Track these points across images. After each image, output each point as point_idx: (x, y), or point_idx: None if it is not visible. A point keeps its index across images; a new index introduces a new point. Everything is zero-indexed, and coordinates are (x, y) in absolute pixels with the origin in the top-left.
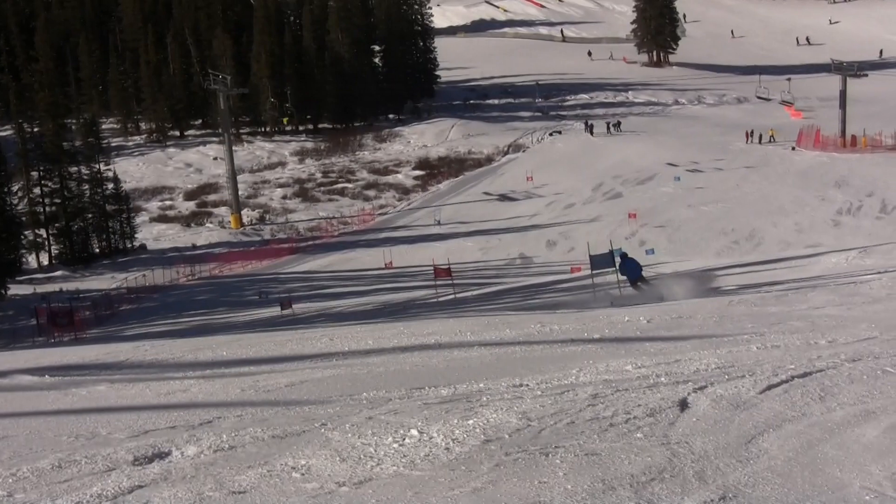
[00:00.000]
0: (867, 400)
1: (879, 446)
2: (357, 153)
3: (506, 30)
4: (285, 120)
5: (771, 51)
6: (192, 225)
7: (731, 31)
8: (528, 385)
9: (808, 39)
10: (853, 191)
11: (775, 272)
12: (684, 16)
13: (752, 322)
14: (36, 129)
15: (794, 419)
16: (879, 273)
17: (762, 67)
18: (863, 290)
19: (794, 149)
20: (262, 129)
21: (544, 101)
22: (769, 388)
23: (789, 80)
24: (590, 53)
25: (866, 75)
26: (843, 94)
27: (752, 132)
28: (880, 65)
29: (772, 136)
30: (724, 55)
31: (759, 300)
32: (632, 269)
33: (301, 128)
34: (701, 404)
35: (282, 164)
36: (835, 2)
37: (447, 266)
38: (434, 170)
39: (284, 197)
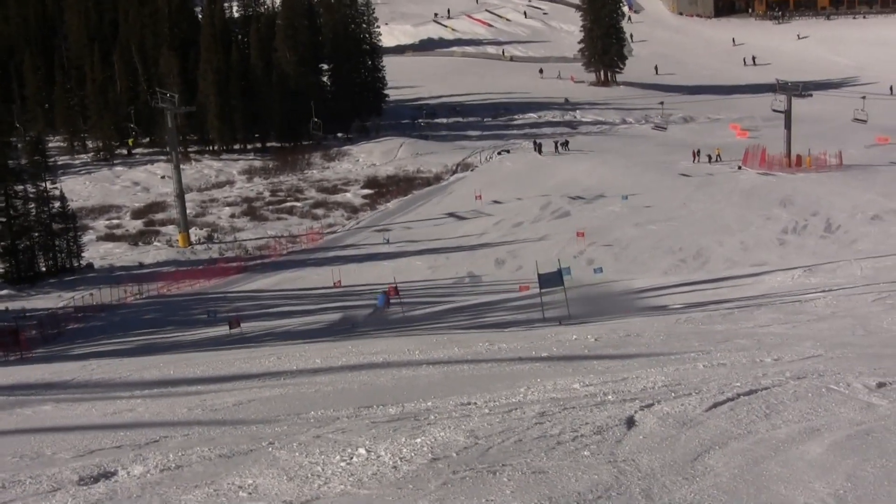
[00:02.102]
0: (811, 417)
1: (823, 463)
2: (305, 172)
3: (454, 49)
4: (130, 142)
5: (717, 70)
6: (140, 244)
7: (656, 68)
8: (475, 403)
9: (753, 59)
10: (798, 210)
11: (721, 291)
12: (631, 35)
13: (698, 340)
14: None
15: (740, 436)
16: (824, 292)
17: (708, 87)
18: (808, 308)
19: (739, 168)
20: (210, 148)
21: (492, 119)
22: (715, 405)
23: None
24: (541, 71)
25: (811, 95)
26: (787, 113)
27: (698, 151)
28: (825, 84)
29: (717, 155)
30: (671, 75)
31: (706, 318)
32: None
33: (249, 146)
34: (648, 422)
35: (230, 182)
36: (780, 22)
37: (396, 285)
38: (383, 188)
39: (232, 215)
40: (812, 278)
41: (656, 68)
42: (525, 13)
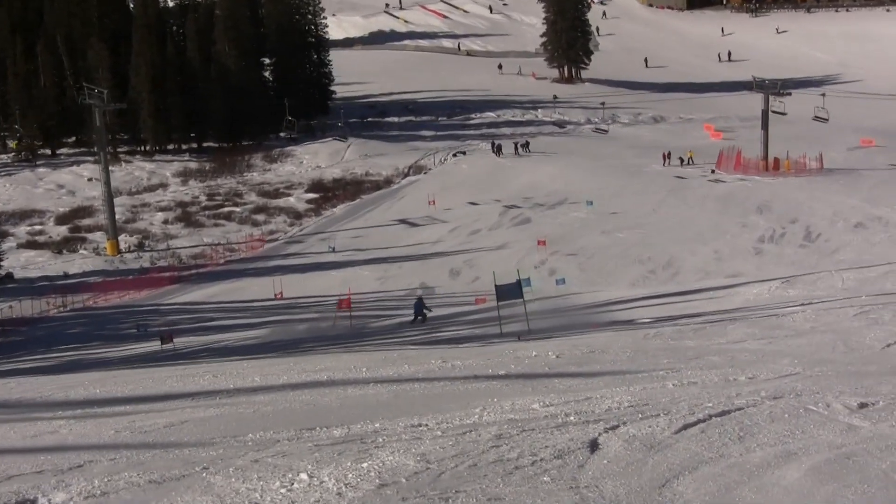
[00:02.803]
0: (788, 440)
1: (801, 489)
2: (245, 174)
3: (406, 42)
4: (14, 144)
5: (690, 66)
6: (65, 252)
7: (646, 60)
8: (427, 425)
9: (729, 55)
10: (776, 217)
11: (693, 303)
12: (597, 29)
13: (667, 357)
14: None
15: (711, 461)
16: (803, 305)
17: (680, 84)
18: (785, 323)
19: (713, 171)
20: (142, 148)
21: (448, 118)
22: (685, 427)
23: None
24: (500, 66)
25: (789, 94)
26: (765, 113)
27: (669, 154)
28: (805, 82)
29: (690, 157)
30: (640, 71)
31: (676, 334)
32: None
33: (184, 146)
34: (612, 445)
35: (163, 185)
36: (757, 15)
37: (348, 296)
38: (328, 193)
39: (166, 221)
40: (790, 290)
41: (646, 61)
42: (490, 7)
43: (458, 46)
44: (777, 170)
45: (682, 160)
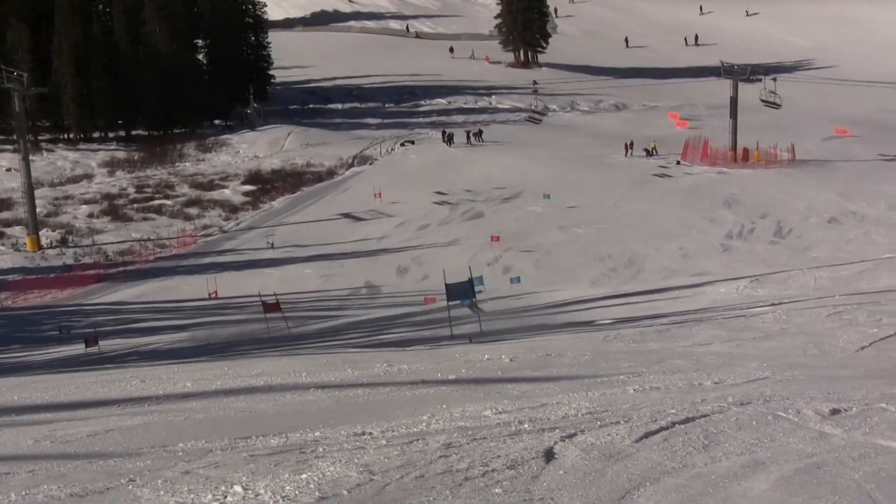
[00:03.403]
0: (756, 449)
1: (769, 501)
2: (177, 164)
3: (351, 23)
4: None
5: (654, 51)
6: None
7: (626, 40)
8: (371, 433)
9: (696, 39)
10: (745, 211)
11: (657, 304)
12: (555, 10)
13: (629, 360)
14: None
15: (675, 471)
16: (773, 305)
17: (644, 70)
18: (754, 324)
19: (678, 163)
20: (65, 136)
21: (395, 105)
22: (647, 435)
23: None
24: (451, 50)
25: (760, 80)
26: (733, 101)
27: (631, 143)
28: (776, 68)
29: (654, 147)
30: (602, 56)
31: (638, 336)
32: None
33: (111, 134)
34: (569, 455)
35: (88, 176)
36: None
37: (275, 300)
38: (267, 184)
39: (91, 215)
40: (760, 290)
41: (626, 41)
42: None
43: (407, 28)
44: (746, 161)
45: (647, 151)
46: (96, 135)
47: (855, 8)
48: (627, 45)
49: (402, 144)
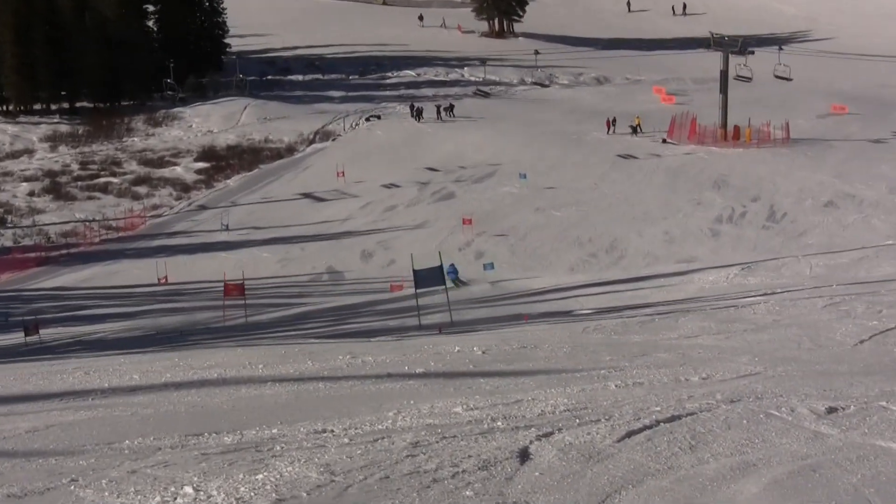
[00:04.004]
0: (746, 450)
1: None
2: (125, 140)
3: None
4: None
5: (638, 20)
6: None
7: (628, 4)
8: (332, 431)
9: (683, 8)
10: (735, 193)
11: (640, 292)
12: None
13: (610, 354)
14: None
15: (659, 473)
16: (765, 295)
17: (627, 41)
18: (745, 315)
19: (664, 141)
20: (4, 108)
21: (360, 77)
22: (629, 434)
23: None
24: (421, 18)
25: (752, 52)
26: (723, 75)
27: (614, 120)
28: (769, 40)
29: (638, 124)
30: (582, 25)
31: (620, 327)
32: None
33: (54, 107)
34: (545, 455)
35: (28, 151)
36: None
37: (241, 282)
38: (222, 161)
39: (31, 193)
40: (751, 278)
41: (629, 5)
42: None
43: None
44: (737, 140)
45: (633, 129)
46: (38, 107)
47: None
48: (630, 10)
49: (368, 119)
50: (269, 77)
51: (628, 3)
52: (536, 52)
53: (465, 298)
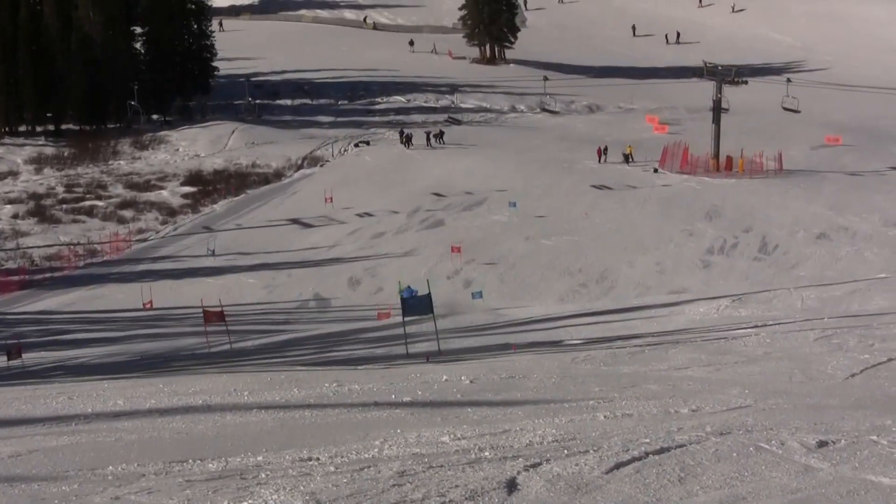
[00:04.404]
0: (736, 483)
1: None
2: (110, 162)
3: (303, 12)
4: None
5: (631, 48)
6: None
7: (633, 28)
8: (318, 459)
9: (677, 36)
10: (727, 224)
11: (630, 323)
12: (525, 1)
13: (599, 384)
14: None
15: None
16: (756, 327)
17: (620, 69)
18: (735, 347)
19: (656, 170)
20: None
21: (349, 102)
22: (617, 466)
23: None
24: (411, 43)
25: (745, 82)
26: (716, 104)
27: (605, 149)
28: (763, 69)
29: (630, 153)
30: (574, 53)
31: (610, 358)
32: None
33: (39, 128)
34: (533, 486)
35: (13, 173)
36: None
37: (220, 308)
38: (208, 186)
39: (15, 216)
40: (742, 310)
41: (634, 29)
42: None
43: (364, 19)
44: (729, 170)
45: (626, 157)
46: (22, 128)
47: (845, 6)
48: (635, 34)
49: (357, 145)
50: (258, 101)
51: (633, 28)
52: (545, 79)
53: (453, 327)
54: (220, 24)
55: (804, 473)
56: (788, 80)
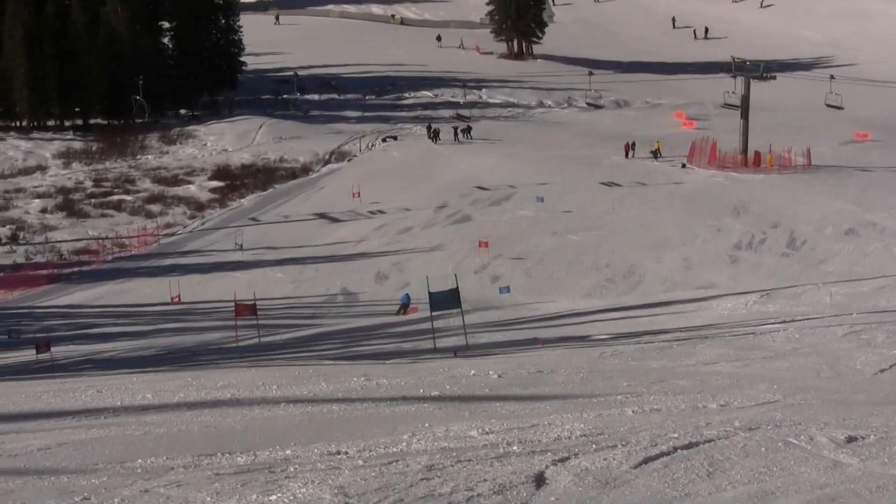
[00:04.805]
0: (765, 478)
1: None
2: (139, 157)
3: (330, 7)
4: None
5: (658, 45)
6: None
7: (673, 20)
8: (346, 453)
9: (705, 32)
10: (755, 220)
11: (658, 318)
12: None
13: (627, 380)
14: None
15: (676, 500)
16: (784, 322)
17: (648, 64)
18: (763, 342)
19: (683, 166)
20: (17, 124)
21: (376, 97)
22: (646, 461)
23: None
24: (439, 38)
25: (773, 78)
26: (745, 100)
27: (633, 144)
28: (791, 65)
29: (657, 148)
30: (601, 48)
31: (638, 353)
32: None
33: (67, 123)
34: (561, 480)
35: (42, 168)
36: None
37: (252, 302)
38: (236, 181)
39: (44, 210)
40: (770, 305)
41: (673, 21)
42: None
43: (393, 16)
44: (757, 165)
45: (654, 154)
46: (51, 123)
47: (873, 2)
48: (675, 26)
49: (384, 140)
50: (285, 96)
51: (673, 20)
52: (591, 73)
53: (480, 322)
54: (277, 19)
55: (833, 469)
56: (832, 77)
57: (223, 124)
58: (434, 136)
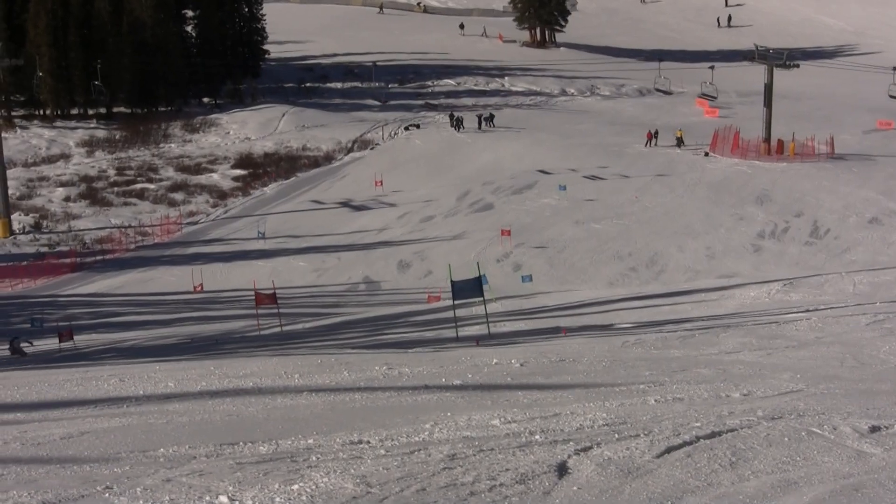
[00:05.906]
0: (788, 468)
1: None
2: (161, 145)
3: None
4: None
5: (681, 32)
6: None
7: (728, 17)
8: (368, 442)
9: (728, 20)
10: (778, 209)
11: (680, 307)
12: None
13: (649, 369)
14: None
15: (699, 490)
16: (807, 311)
17: (670, 52)
18: (786, 332)
19: (706, 154)
20: (41, 112)
21: (399, 86)
22: (668, 450)
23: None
24: (462, 26)
25: (797, 66)
26: (768, 88)
27: (655, 132)
28: (815, 53)
29: (680, 137)
30: (624, 36)
31: (660, 342)
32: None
33: (91, 111)
34: (584, 469)
35: (65, 156)
36: None
37: (272, 291)
38: (259, 169)
39: (67, 199)
40: (793, 294)
41: (719, 21)
42: None
43: (418, 4)
44: (780, 154)
45: (678, 142)
46: (74, 111)
47: None
48: (727, 4)
49: (407, 128)
50: (308, 84)
51: (718, 20)
52: (661, 60)
53: (502, 311)
54: (381, 8)
55: (856, 458)
56: (895, 69)
57: (246, 112)
58: (457, 124)
